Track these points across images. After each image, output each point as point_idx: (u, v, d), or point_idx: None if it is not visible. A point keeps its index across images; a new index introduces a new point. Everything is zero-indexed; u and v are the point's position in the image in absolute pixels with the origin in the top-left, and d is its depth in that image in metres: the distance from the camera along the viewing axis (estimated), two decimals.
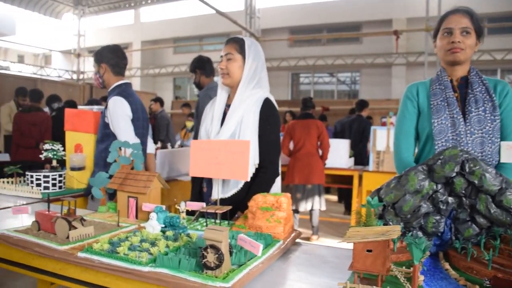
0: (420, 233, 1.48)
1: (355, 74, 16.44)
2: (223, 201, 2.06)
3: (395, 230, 1.17)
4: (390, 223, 1.48)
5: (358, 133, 6.82)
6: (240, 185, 2.13)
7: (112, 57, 2.93)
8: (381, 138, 5.25)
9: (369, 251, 1.15)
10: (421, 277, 1.20)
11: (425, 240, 1.07)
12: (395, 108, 11.98)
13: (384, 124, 6.49)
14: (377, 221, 1.33)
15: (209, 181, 2.25)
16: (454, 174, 1.41)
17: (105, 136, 2.82)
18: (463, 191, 1.42)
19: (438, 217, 1.45)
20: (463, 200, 1.43)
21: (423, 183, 1.44)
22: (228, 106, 2.26)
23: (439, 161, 1.44)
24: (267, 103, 2.19)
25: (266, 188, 2.15)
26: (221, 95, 2.30)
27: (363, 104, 7.11)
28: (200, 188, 2.35)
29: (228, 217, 1.86)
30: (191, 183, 2.45)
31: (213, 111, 2.29)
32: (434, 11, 9.66)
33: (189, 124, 7.86)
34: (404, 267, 1.28)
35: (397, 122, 2.15)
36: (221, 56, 2.23)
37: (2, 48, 22.55)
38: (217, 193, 2.07)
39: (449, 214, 1.45)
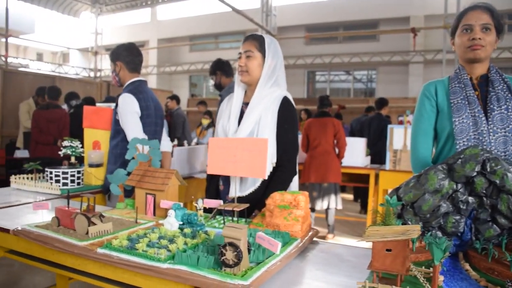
0: (439, 233, 1.46)
1: (372, 72, 16.31)
2: (241, 199, 2.06)
3: (414, 229, 1.16)
4: (409, 222, 1.47)
5: (377, 132, 6.73)
6: (258, 183, 2.13)
7: (127, 54, 2.94)
8: (398, 137, 5.20)
9: (388, 250, 1.14)
10: (441, 278, 1.19)
11: (445, 240, 1.06)
12: (412, 106, 11.86)
13: (401, 122, 6.43)
14: (396, 220, 1.32)
15: (226, 179, 2.25)
16: (474, 174, 1.39)
17: (116, 132, 2.85)
18: (484, 191, 1.40)
19: (458, 217, 1.43)
20: (484, 200, 1.41)
21: (442, 183, 1.43)
22: (245, 104, 2.26)
23: (460, 160, 1.42)
24: (285, 101, 2.18)
25: (284, 187, 2.14)
26: (238, 93, 2.29)
27: (382, 102, 7.01)
28: (216, 186, 2.35)
29: (245, 215, 1.86)
30: (207, 181, 2.46)
31: (230, 108, 2.28)
32: (453, 8, 9.52)
33: (205, 121, 7.89)
34: (423, 267, 1.27)
35: (414, 121, 2.10)
36: (240, 53, 2.21)
37: (21, 46, 22.93)
38: (235, 191, 2.08)
39: (469, 214, 1.43)
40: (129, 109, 2.75)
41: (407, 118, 6.11)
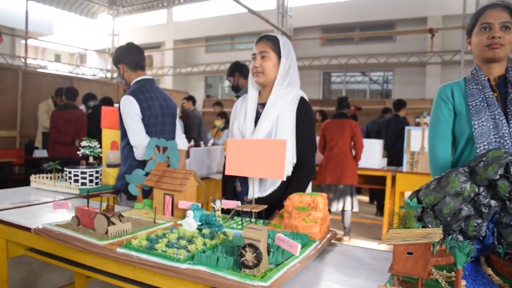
0: (460, 237, 1.44)
1: (388, 73, 16.18)
2: (261, 200, 2.06)
3: (436, 233, 1.15)
4: (429, 225, 1.45)
5: (395, 134, 6.66)
6: (278, 183, 2.12)
7: (126, 55, 2.90)
8: (416, 139, 5.14)
9: (409, 253, 1.12)
10: (463, 282, 1.17)
11: (469, 244, 1.04)
12: (429, 108, 11.75)
13: (418, 124, 6.36)
14: (416, 223, 1.31)
15: (244, 180, 2.25)
16: (497, 177, 1.37)
17: (123, 134, 2.85)
18: (507, 195, 1.37)
19: (479, 221, 1.41)
20: (507, 203, 1.38)
21: (464, 185, 1.41)
22: (260, 104, 2.25)
23: (482, 163, 1.40)
24: (303, 101, 2.18)
25: (304, 187, 2.14)
26: (253, 93, 2.28)
27: (400, 103, 6.93)
28: (233, 186, 2.35)
29: (264, 216, 1.86)
30: (223, 182, 2.45)
31: (245, 109, 2.28)
32: (471, 8, 9.38)
33: (218, 123, 7.92)
34: (444, 271, 1.25)
35: (430, 126, 2.04)
36: (254, 54, 2.21)
37: (40, 48, 23.29)
38: (253, 192, 2.08)
39: (491, 218, 1.41)
40: (127, 112, 2.73)
41: (424, 119, 6.05)
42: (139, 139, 2.69)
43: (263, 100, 2.24)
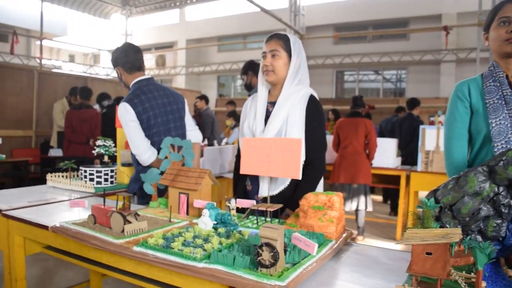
0: (479, 237, 1.42)
1: (401, 71, 16.05)
2: (271, 199, 2.05)
3: (456, 233, 1.13)
4: (447, 225, 1.43)
5: (409, 132, 6.58)
6: (287, 182, 2.12)
7: (121, 57, 2.82)
8: (431, 138, 5.09)
9: (428, 254, 1.11)
10: (483, 283, 1.15)
11: (489, 244, 1.03)
12: (444, 106, 11.64)
13: (432, 123, 6.30)
14: (434, 223, 1.29)
15: (254, 179, 2.24)
16: None
17: None
18: None
19: (499, 221, 1.38)
20: None
21: (483, 185, 1.38)
22: (270, 103, 2.25)
23: (502, 162, 1.37)
24: (312, 99, 2.17)
25: (314, 185, 2.13)
26: (262, 92, 2.28)
27: (414, 102, 6.85)
28: (244, 185, 2.34)
29: (278, 215, 1.86)
30: (234, 181, 2.45)
31: (255, 108, 2.28)
32: (487, 5, 9.26)
33: (228, 122, 7.94)
34: (464, 272, 1.24)
35: (446, 124, 2.00)
36: (264, 53, 2.20)
37: (54, 48, 23.56)
38: (267, 190, 2.08)
39: (511, 218, 1.39)
40: (123, 120, 2.69)
41: (438, 118, 5.98)
42: (138, 146, 2.65)
43: (273, 98, 2.24)
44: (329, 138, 5.94)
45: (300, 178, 1.79)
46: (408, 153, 6.39)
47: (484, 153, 1.88)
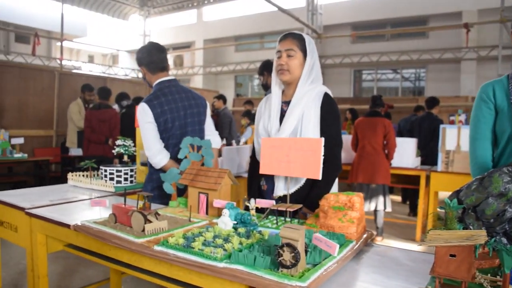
0: (504, 239, 1.39)
1: (420, 70, 15.85)
2: (286, 197, 2.04)
3: (481, 235, 1.11)
4: (471, 227, 1.40)
5: (428, 132, 6.48)
6: (303, 180, 2.11)
7: (145, 56, 2.81)
8: (451, 137, 5.02)
9: (452, 256, 1.09)
10: (510, 287, 1.13)
11: None
12: (464, 105, 11.46)
13: (452, 122, 6.20)
14: (457, 225, 1.27)
15: (269, 179, 2.23)
16: None
17: None
18: None
19: None
20: None
21: (508, 186, 1.35)
22: (284, 102, 2.24)
23: None
24: (327, 97, 2.16)
25: (330, 183, 2.12)
26: (276, 92, 2.27)
27: (434, 101, 6.74)
28: (259, 185, 2.33)
29: (298, 215, 1.85)
30: (248, 181, 2.44)
31: (269, 108, 2.27)
32: (510, 1, 9.09)
33: (243, 121, 7.95)
34: (489, 275, 1.21)
35: (471, 126, 1.99)
36: (279, 52, 2.18)
37: (74, 49, 23.91)
38: (283, 189, 2.07)
39: None
40: (140, 121, 2.69)
41: (459, 117, 5.89)
42: (150, 148, 2.65)
43: (287, 98, 2.23)
44: (347, 138, 5.90)
45: (320, 178, 1.78)
46: (428, 153, 6.29)
47: (508, 153, 1.87)
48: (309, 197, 2.07)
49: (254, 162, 2.36)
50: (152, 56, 2.79)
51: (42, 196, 2.56)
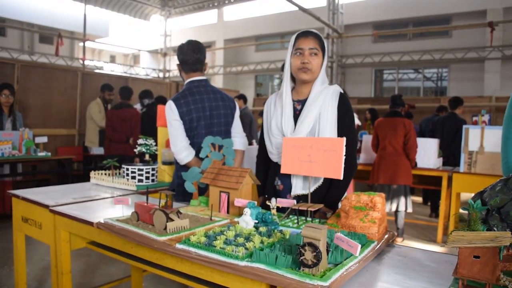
0: None
1: (442, 70, 15.60)
2: (305, 197, 2.04)
3: (506, 236, 1.09)
4: (495, 228, 1.38)
5: (451, 132, 6.38)
6: (321, 180, 2.11)
7: (179, 55, 2.84)
8: (474, 138, 4.93)
9: (476, 257, 1.08)
10: None
11: None
12: (488, 105, 11.24)
13: (475, 122, 6.09)
14: (481, 226, 1.25)
15: (285, 178, 2.22)
16: None
17: None
18: None
19: None
20: None
21: None
22: (296, 101, 2.24)
23: None
24: (342, 97, 2.17)
25: (347, 182, 2.12)
26: (288, 90, 2.25)
27: (457, 101, 6.61)
28: (273, 185, 2.32)
29: (316, 213, 1.85)
30: (262, 180, 2.42)
31: (281, 106, 2.24)
32: None
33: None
34: None
35: (504, 125, 1.94)
36: (301, 49, 2.14)
37: (96, 49, 24.26)
38: (301, 189, 2.08)
39: None
40: (168, 118, 2.74)
41: (482, 118, 5.78)
42: (176, 144, 2.69)
43: (299, 96, 2.24)
44: (368, 138, 5.85)
45: (342, 178, 1.78)
46: (450, 153, 6.20)
47: None
48: (327, 196, 2.06)
49: (263, 162, 2.39)
50: (185, 56, 2.82)
51: (66, 194, 2.61)
